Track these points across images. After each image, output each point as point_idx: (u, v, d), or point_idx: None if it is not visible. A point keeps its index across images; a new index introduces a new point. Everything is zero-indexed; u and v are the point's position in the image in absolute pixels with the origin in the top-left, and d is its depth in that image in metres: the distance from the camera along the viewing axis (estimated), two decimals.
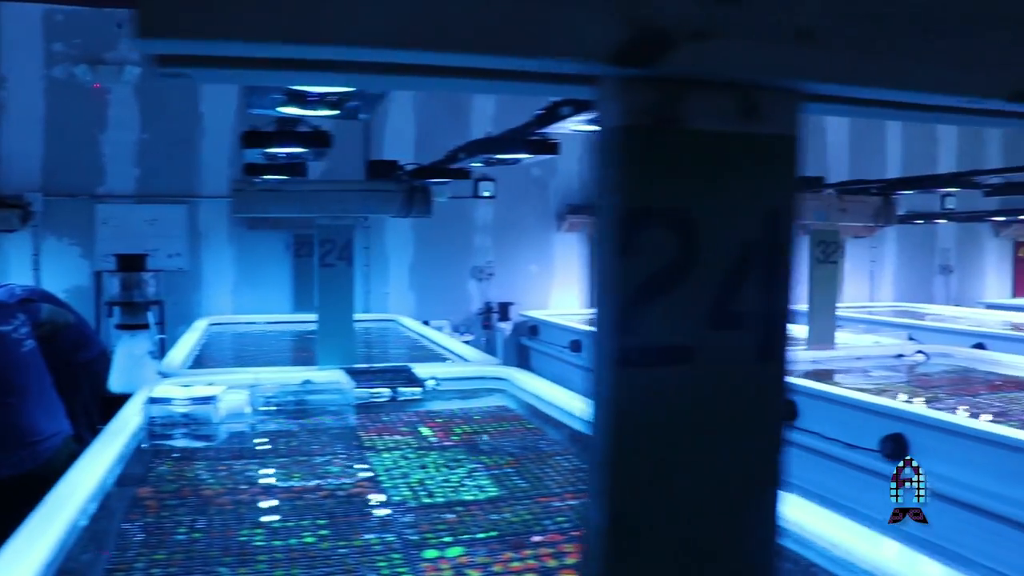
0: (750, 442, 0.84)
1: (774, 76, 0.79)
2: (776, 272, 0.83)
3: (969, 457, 3.25)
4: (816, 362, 5.11)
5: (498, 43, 0.71)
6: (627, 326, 0.79)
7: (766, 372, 0.83)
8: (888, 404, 3.64)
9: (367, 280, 7.78)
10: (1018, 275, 10.03)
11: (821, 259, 5.16)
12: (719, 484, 0.83)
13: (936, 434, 3.40)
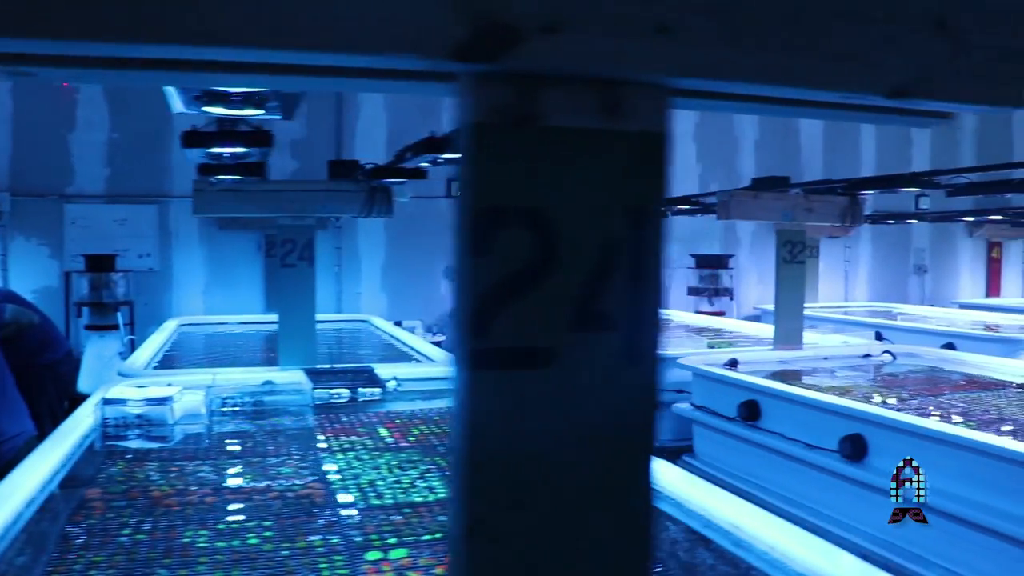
0: (618, 449, 0.81)
1: (634, 71, 0.77)
2: (643, 272, 0.81)
3: (927, 458, 3.24)
4: (783, 362, 5.11)
5: (335, 39, 0.69)
6: (481, 328, 0.76)
7: (635, 375, 0.81)
8: (847, 404, 3.64)
9: (339, 281, 7.74)
10: (991, 275, 10.09)
11: (788, 259, 5.16)
12: (584, 494, 0.80)
13: (894, 435, 3.40)
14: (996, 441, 3.03)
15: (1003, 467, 2.92)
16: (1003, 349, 6.30)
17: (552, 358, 0.78)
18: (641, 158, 0.80)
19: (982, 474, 2.98)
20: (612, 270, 0.79)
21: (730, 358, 4.87)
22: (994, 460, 2.94)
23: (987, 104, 0.92)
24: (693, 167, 8.53)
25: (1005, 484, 2.91)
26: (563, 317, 0.78)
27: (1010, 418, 3.75)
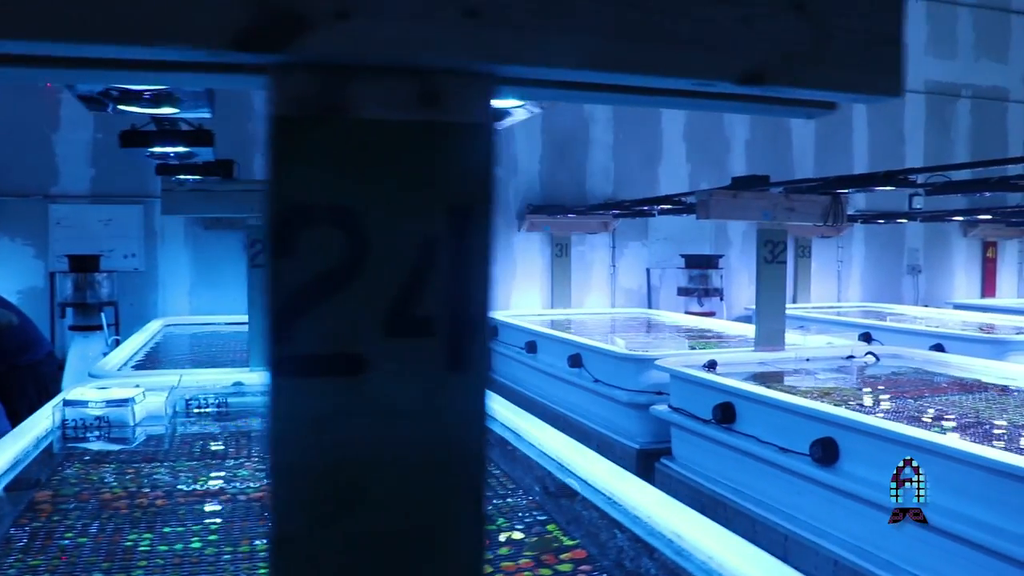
0: (442, 465, 0.76)
1: (446, 59, 0.72)
2: (466, 274, 0.76)
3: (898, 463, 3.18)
4: (764, 364, 5.05)
5: (102, 28, 0.64)
6: (286, 333, 0.72)
7: (460, 385, 0.76)
8: (818, 408, 3.58)
9: None
10: (987, 275, 10.00)
11: (769, 259, 5.11)
12: (404, 515, 0.75)
13: (865, 439, 3.34)
14: (965, 447, 2.97)
15: (972, 473, 2.86)
16: (992, 350, 6.23)
17: (365, 366, 0.73)
18: (463, 152, 0.76)
19: (952, 480, 2.91)
20: (430, 272, 0.74)
21: (709, 359, 4.81)
22: (963, 466, 2.88)
23: (854, 91, 0.87)
24: (683, 166, 8.48)
25: (974, 490, 2.85)
26: (376, 322, 0.73)
27: (987, 422, 3.69)
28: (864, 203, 9.26)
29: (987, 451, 2.88)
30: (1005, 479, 2.71)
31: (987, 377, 4.80)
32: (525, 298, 8.21)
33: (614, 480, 2.45)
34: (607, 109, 8.36)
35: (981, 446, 2.98)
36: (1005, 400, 4.21)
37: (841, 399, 4.19)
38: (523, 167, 8.15)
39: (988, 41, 9.84)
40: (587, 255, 8.41)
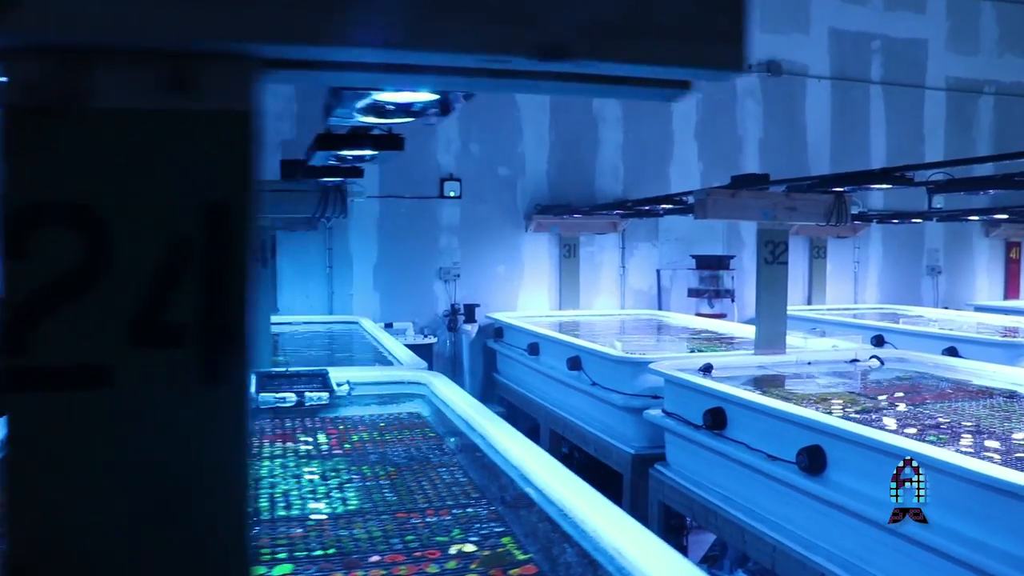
0: (196, 483, 0.69)
1: (194, 40, 0.65)
2: (223, 278, 0.69)
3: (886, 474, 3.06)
4: (763, 367, 4.94)
5: None
6: (19, 342, 0.65)
7: (214, 397, 0.69)
8: (806, 415, 3.46)
9: (331, 282, 7.67)
10: (1010, 277, 9.76)
11: (769, 260, 4.99)
12: (154, 543, 0.68)
13: (853, 448, 3.22)
14: (954, 459, 2.83)
15: (961, 487, 2.73)
16: (1006, 354, 6.06)
17: (108, 377, 0.67)
18: (220, 143, 0.68)
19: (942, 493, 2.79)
20: (182, 276, 0.67)
21: (705, 363, 4.70)
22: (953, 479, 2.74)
23: (683, 65, 0.79)
24: (695, 165, 8.35)
25: (963, 505, 2.72)
26: (120, 330, 0.66)
27: (987, 431, 3.55)
28: (882, 203, 9.07)
29: (977, 464, 2.75)
30: (994, 494, 2.57)
31: (995, 383, 4.65)
32: (533, 299, 8.13)
33: (568, 492, 2.37)
34: (616, 108, 8.26)
35: (971, 459, 2.84)
36: (1011, 407, 4.06)
37: (840, 405, 4.08)
38: (531, 167, 8.07)
39: (1012, 35, 9.60)
40: (596, 256, 8.31)
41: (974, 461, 2.77)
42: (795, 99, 8.84)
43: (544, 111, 8.09)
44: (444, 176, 7.84)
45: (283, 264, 7.60)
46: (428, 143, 7.81)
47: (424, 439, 3.47)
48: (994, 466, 2.73)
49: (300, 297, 7.64)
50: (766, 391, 4.47)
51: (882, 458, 3.04)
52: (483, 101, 7.91)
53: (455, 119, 7.84)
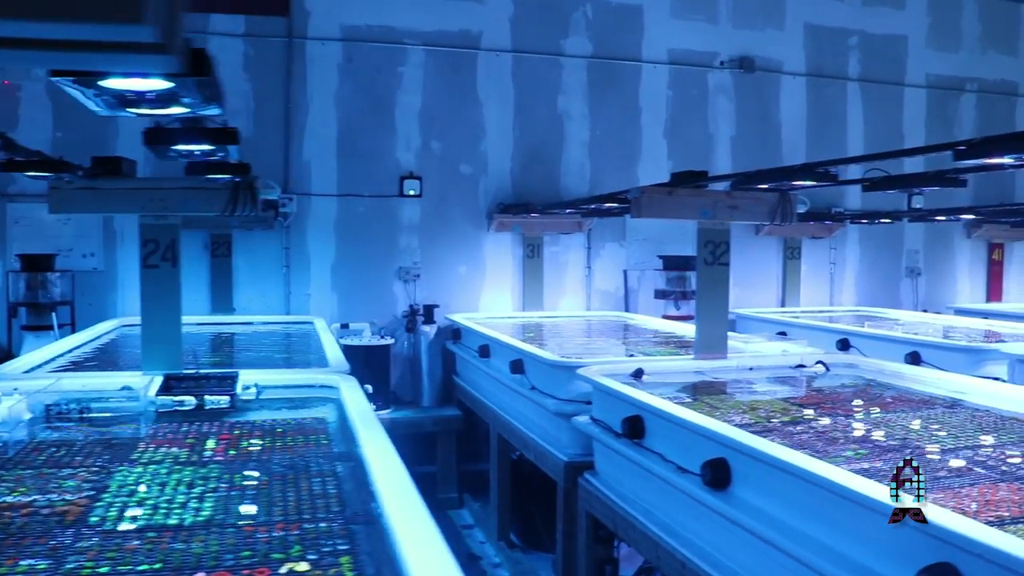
0: None
1: None
2: None
3: (787, 493, 2.87)
4: (699, 373, 4.74)
5: None
6: None
7: None
8: (711, 427, 3.27)
9: (287, 282, 7.52)
10: (992, 278, 9.51)
11: (709, 261, 4.80)
12: None
13: (755, 463, 3.03)
14: (853, 482, 2.58)
15: (860, 513, 2.50)
16: (967, 360, 5.85)
17: None
18: None
19: (840, 519, 2.59)
20: None
21: (636, 368, 4.52)
22: (851, 504, 2.53)
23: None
24: (664, 164, 8.14)
25: (866, 532, 2.51)
26: None
27: (913, 445, 3.34)
28: (860, 203, 8.85)
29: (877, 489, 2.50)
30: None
31: (940, 390, 4.44)
32: (495, 300, 7.95)
33: (399, 509, 2.21)
34: (583, 105, 8.08)
35: (872, 483, 2.58)
36: (948, 418, 3.85)
37: (766, 415, 3.89)
38: (494, 165, 7.89)
39: (995, 32, 9.35)
40: (561, 256, 8.13)
41: (866, 483, 2.55)
42: (769, 96, 8.62)
43: (508, 108, 7.92)
44: (404, 174, 7.67)
45: (239, 263, 7.48)
46: (387, 141, 7.65)
47: (316, 447, 3.35)
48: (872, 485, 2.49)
49: (256, 297, 7.50)
50: (696, 399, 4.29)
51: (781, 475, 2.85)
52: (445, 98, 7.76)
53: (415, 115, 7.69)
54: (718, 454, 3.19)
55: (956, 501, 2.61)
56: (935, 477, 2.88)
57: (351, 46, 7.55)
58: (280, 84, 7.43)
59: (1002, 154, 2.94)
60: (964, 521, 2.18)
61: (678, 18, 8.29)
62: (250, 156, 7.34)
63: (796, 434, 3.57)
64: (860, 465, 3.04)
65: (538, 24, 7.94)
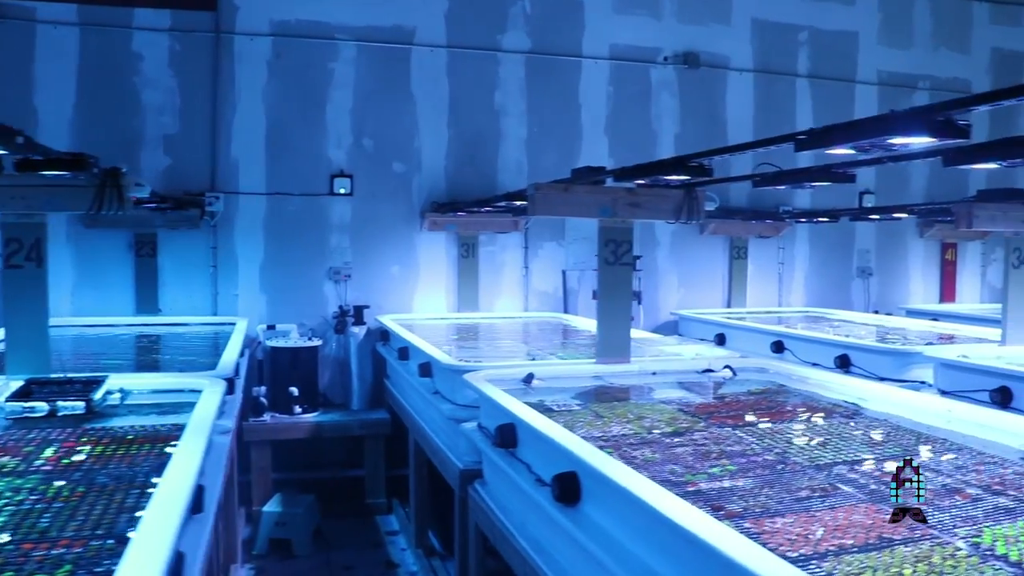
0: None
1: None
2: None
3: (622, 513, 2.68)
4: (598, 378, 4.58)
5: None
6: None
7: None
8: (562, 440, 3.09)
9: (215, 282, 7.34)
10: (946, 279, 9.34)
11: (611, 260, 4.63)
12: None
13: (600, 481, 2.84)
14: (659, 501, 2.38)
15: (667, 534, 2.32)
16: (895, 363, 5.72)
17: None
18: None
19: (652, 537, 2.42)
20: None
21: (528, 373, 4.35)
22: (660, 525, 2.34)
23: None
24: (605, 162, 7.94)
25: (671, 553, 2.34)
26: None
27: (790, 460, 3.16)
28: (809, 202, 8.69)
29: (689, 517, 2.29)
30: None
31: (845, 396, 4.27)
32: (429, 301, 7.77)
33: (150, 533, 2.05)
34: (520, 101, 7.90)
35: (692, 510, 2.36)
36: (840, 428, 3.67)
37: (651, 424, 3.72)
38: (428, 163, 7.71)
39: (948, 29, 9.18)
40: (498, 256, 7.95)
41: (683, 508, 2.34)
42: (715, 92, 8.45)
43: (443, 104, 7.74)
44: (335, 172, 7.50)
45: (165, 263, 7.31)
46: (318, 138, 7.48)
47: (157, 456, 3.18)
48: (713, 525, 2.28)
49: (183, 297, 7.33)
50: (586, 406, 4.12)
51: (615, 495, 2.67)
52: (377, 95, 7.59)
53: (347, 112, 7.52)
54: (569, 468, 3.02)
55: (803, 526, 2.44)
56: (796, 498, 2.71)
57: (280, 41, 7.37)
58: (207, 80, 7.25)
59: (841, 143, 2.79)
60: (762, 557, 1.99)
61: (620, 13, 8.12)
62: (175, 153, 7.22)
63: (672, 447, 3.40)
64: (720, 484, 2.88)
65: (474, 19, 7.76)
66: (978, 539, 2.31)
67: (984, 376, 5.05)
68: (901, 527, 2.40)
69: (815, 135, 2.84)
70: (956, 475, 2.96)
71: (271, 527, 6.31)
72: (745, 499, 2.72)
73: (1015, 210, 5.65)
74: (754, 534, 2.39)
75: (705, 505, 2.65)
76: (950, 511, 2.56)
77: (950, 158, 3.28)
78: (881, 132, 2.67)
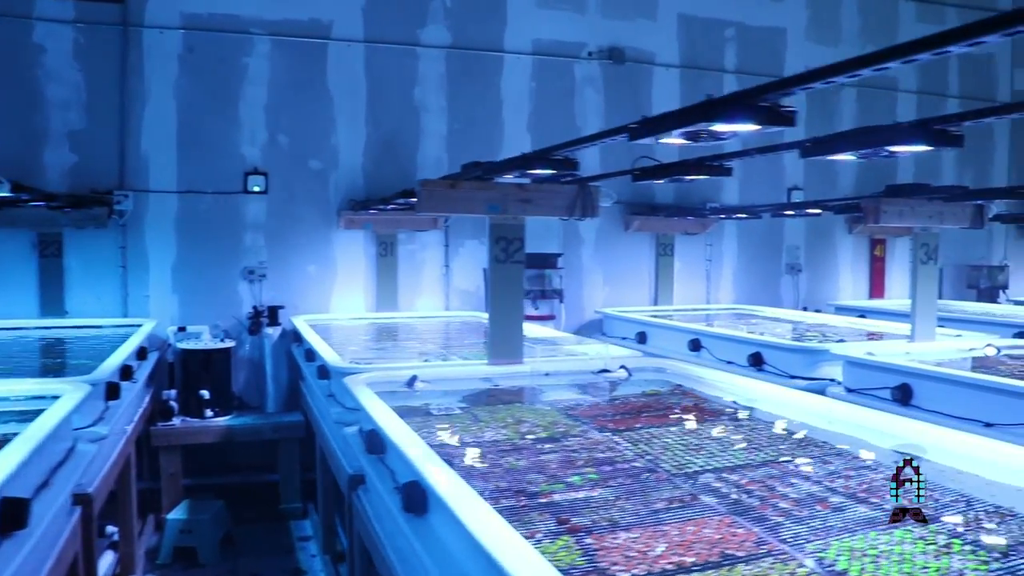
0: None
1: None
2: None
3: (449, 527, 2.55)
4: (488, 380, 4.46)
5: None
6: None
7: None
8: (406, 449, 2.97)
9: (125, 283, 7.13)
10: (875, 275, 9.35)
11: (502, 259, 4.51)
12: None
13: (433, 492, 2.70)
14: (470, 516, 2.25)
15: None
16: (805, 361, 5.67)
17: None
18: None
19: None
20: None
21: (412, 375, 4.23)
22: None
23: None
24: None
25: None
26: None
27: (660, 470, 3.06)
28: (738, 198, 8.65)
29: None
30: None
31: (737, 397, 4.19)
32: (348, 301, 7.62)
33: None
34: (440, 97, 7.77)
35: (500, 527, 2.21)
36: (721, 433, 3.57)
37: (528, 430, 3.61)
38: (345, 160, 7.56)
39: (875, 26, 9.18)
40: (417, 254, 7.82)
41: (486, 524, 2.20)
42: (641, 88, 8.38)
43: (360, 100, 7.58)
44: (249, 170, 7.32)
45: (71, 264, 7.08)
46: (231, 134, 7.29)
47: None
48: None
49: (92, 299, 7.10)
50: (467, 409, 4.01)
51: (442, 507, 2.54)
52: (293, 90, 7.42)
53: (261, 108, 7.34)
54: (413, 478, 2.90)
55: (647, 542, 2.34)
56: (652, 510, 2.61)
57: (192, 35, 7.17)
58: (115, 74, 7.03)
59: (669, 131, 2.70)
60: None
61: (543, 7, 8.01)
62: (82, 150, 7.00)
63: (543, 453, 3.31)
64: (576, 495, 2.77)
65: (393, 13, 7.61)
66: (823, 554, 2.22)
67: (887, 373, 5.02)
68: (749, 542, 2.31)
69: (647, 124, 2.76)
70: (824, 482, 2.88)
71: (176, 535, 6.12)
72: (597, 511, 2.63)
73: (921, 205, 5.63)
74: (593, 550, 2.29)
75: (552, 518, 2.56)
76: (808, 522, 2.47)
77: (807, 149, 3.20)
78: (703, 119, 2.57)
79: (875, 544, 2.29)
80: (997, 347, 5.82)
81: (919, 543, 2.29)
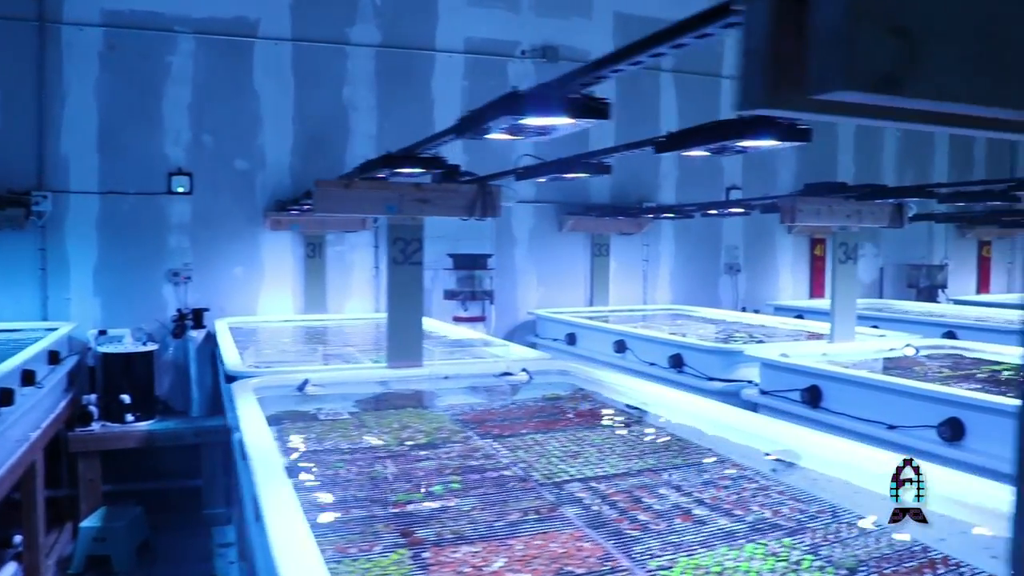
0: None
1: None
2: None
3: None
4: (383, 383, 4.38)
5: None
6: None
7: None
8: (253, 459, 2.89)
9: (44, 286, 6.98)
10: (815, 274, 9.35)
11: (399, 260, 4.43)
12: None
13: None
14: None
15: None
16: (722, 362, 5.64)
17: None
18: None
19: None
20: None
21: (304, 379, 4.14)
22: None
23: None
24: (460, 159, 7.75)
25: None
26: None
27: (530, 478, 2.99)
28: (674, 197, 8.62)
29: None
30: None
31: (633, 400, 4.14)
32: (275, 303, 7.52)
33: None
34: (369, 96, 7.69)
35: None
36: (607, 440, 3.51)
37: (409, 436, 3.53)
38: (272, 160, 7.46)
39: None
40: (347, 255, 7.72)
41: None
42: None
43: (288, 99, 7.48)
44: (172, 170, 7.19)
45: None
46: (153, 134, 7.16)
47: None
48: None
49: (10, 302, 6.95)
50: (356, 414, 3.93)
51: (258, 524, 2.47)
52: (218, 89, 7.30)
53: (185, 108, 7.22)
54: (253, 495, 2.82)
55: (486, 556, 2.26)
56: (507, 522, 2.53)
57: (113, 32, 7.03)
58: (32, 72, 6.88)
59: (489, 129, 2.64)
60: None
61: (475, 5, 7.94)
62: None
63: (417, 460, 3.23)
64: (432, 504, 2.70)
65: (322, 11, 7.52)
66: (667, 572, 2.15)
67: (798, 375, 5.00)
68: (593, 558, 2.24)
69: (467, 121, 2.70)
70: (695, 492, 2.80)
71: (89, 543, 6.01)
72: (446, 523, 2.55)
73: (838, 204, 5.61)
74: (428, 564, 2.22)
75: (398, 530, 2.49)
76: (665, 536, 2.39)
77: (662, 145, 3.15)
78: (514, 112, 2.49)
79: (722, 561, 2.22)
80: (916, 347, 5.81)
81: (770, 559, 2.22)
